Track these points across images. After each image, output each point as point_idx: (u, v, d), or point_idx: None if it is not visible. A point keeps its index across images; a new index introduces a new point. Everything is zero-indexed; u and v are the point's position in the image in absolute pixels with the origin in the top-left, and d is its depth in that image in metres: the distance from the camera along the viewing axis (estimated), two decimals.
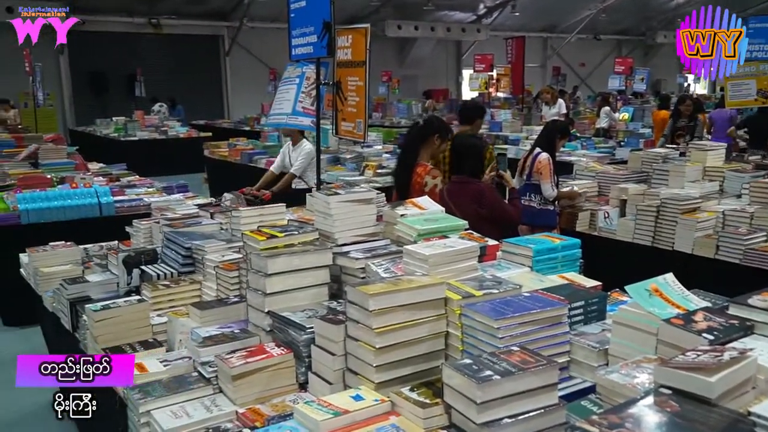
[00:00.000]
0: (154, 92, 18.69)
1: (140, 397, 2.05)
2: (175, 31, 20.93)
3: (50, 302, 3.40)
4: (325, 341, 2.03)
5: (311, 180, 6.12)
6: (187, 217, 3.67)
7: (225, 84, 22.68)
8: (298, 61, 4.88)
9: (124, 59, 19.97)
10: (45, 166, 7.02)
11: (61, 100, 19.61)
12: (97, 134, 15.54)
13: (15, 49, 17.72)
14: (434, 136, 4.27)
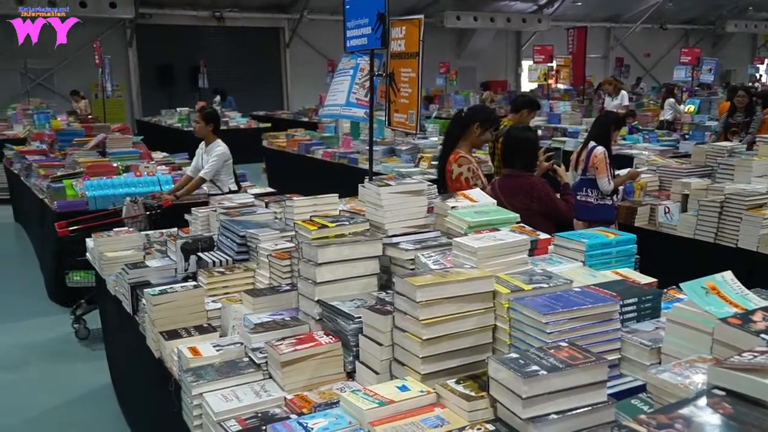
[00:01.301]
0: (216, 84, 19.09)
1: (193, 380, 2.11)
2: (237, 24, 21.33)
3: (113, 286, 3.53)
4: (373, 331, 2.04)
5: (225, 184, 5.83)
6: (243, 206, 3.74)
7: (284, 75, 22.97)
8: (352, 53, 4.90)
9: (188, 51, 20.49)
10: (112, 154, 7.27)
11: (129, 91, 20.25)
12: (161, 124, 16.01)
13: (87, 43, 18.49)
14: (475, 124, 4.21)
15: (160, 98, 20.13)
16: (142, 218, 5.11)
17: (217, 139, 5.92)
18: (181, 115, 15.27)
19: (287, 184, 8.09)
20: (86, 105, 15.75)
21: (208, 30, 21.19)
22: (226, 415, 1.94)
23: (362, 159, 8.44)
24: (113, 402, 4.20)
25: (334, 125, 11.08)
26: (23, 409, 4.18)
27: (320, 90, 19.42)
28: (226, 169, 5.86)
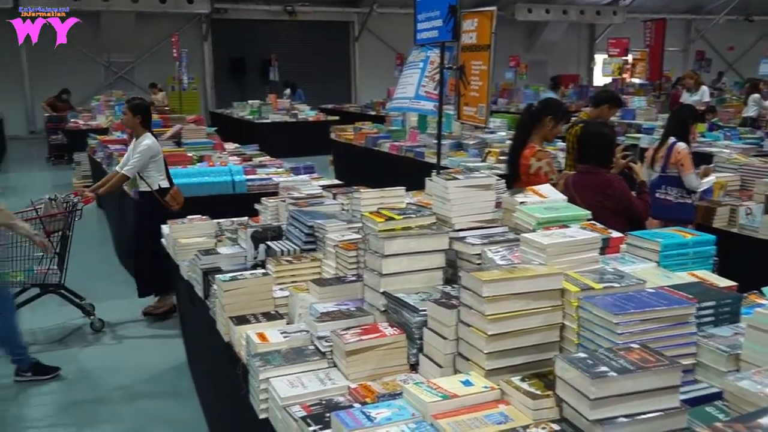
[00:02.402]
0: (286, 77, 19.42)
1: (261, 365, 2.16)
2: (308, 18, 21.64)
3: (186, 271, 3.65)
4: (438, 325, 2.04)
5: (155, 181, 5.45)
6: (312, 197, 3.80)
7: (353, 69, 23.16)
8: (422, 45, 4.89)
9: (260, 45, 20.95)
10: (187, 145, 7.50)
11: (204, 83, 20.85)
12: (234, 116, 16.39)
13: (165, 37, 19.15)
14: (547, 117, 4.13)
15: (233, 91, 20.66)
16: (60, 216, 4.93)
17: (146, 132, 5.48)
18: (252, 108, 15.60)
19: (354, 176, 8.15)
20: (163, 97, 16.29)
21: (280, 24, 21.58)
22: (292, 401, 1.98)
23: (429, 153, 8.41)
24: (188, 379, 4.35)
25: (402, 119, 11.08)
26: (105, 383, 4.39)
27: (388, 83, 19.49)
28: (156, 165, 5.44)
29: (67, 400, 4.18)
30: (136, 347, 4.96)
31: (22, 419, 4.00)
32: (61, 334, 5.25)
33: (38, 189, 11.73)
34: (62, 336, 5.21)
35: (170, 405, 4.16)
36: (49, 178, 12.83)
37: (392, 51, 21.60)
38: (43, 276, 5.13)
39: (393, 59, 20.65)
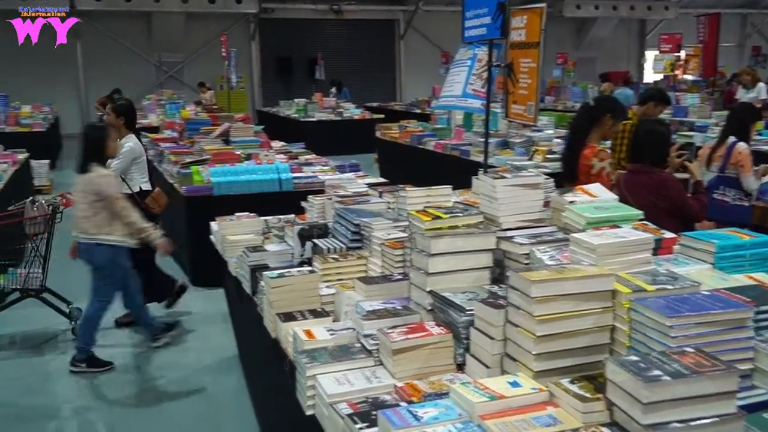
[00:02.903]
0: (332, 75, 19.55)
1: (308, 362, 2.18)
2: (354, 17, 21.75)
3: (234, 267, 3.70)
4: (485, 325, 2.02)
5: (137, 183, 5.33)
6: (358, 195, 3.82)
7: (398, 67, 23.18)
8: (470, 43, 4.85)
9: (306, 44, 21.15)
10: (235, 143, 7.62)
11: (251, 82, 21.14)
12: (280, 115, 16.58)
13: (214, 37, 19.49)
14: (606, 115, 4.04)
15: (279, 89, 20.92)
16: (41, 219, 4.78)
17: (129, 134, 5.34)
18: (298, 106, 15.75)
19: (398, 174, 8.15)
20: (212, 96, 16.58)
21: (326, 23, 21.75)
22: (338, 398, 1.99)
23: (474, 151, 8.35)
24: (239, 372, 4.42)
25: (447, 117, 11.03)
26: (161, 373, 4.50)
27: (433, 81, 19.43)
28: (138, 167, 5.32)
29: (122, 395, 4.28)
30: (188, 341, 5.06)
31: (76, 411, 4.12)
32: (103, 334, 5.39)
33: None
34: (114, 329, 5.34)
35: (222, 398, 4.23)
36: None
37: (438, 49, 21.53)
38: (23, 279, 5.04)
39: (438, 57, 20.58)
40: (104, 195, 4.37)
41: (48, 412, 4.06)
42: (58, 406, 4.14)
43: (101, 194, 4.36)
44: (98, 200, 4.37)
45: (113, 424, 3.95)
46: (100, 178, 4.40)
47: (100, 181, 4.38)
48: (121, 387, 4.36)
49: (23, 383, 4.44)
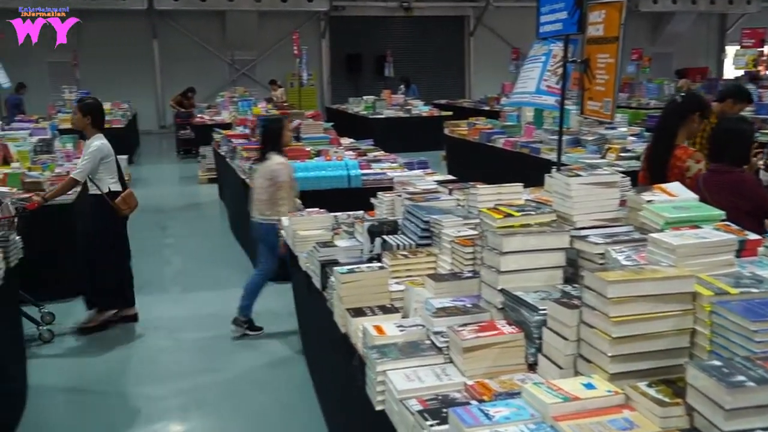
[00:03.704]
0: (400, 72, 19.58)
1: (378, 357, 2.19)
2: (423, 14, 21.74)
3: (304, 262, 3.76)
4: (558, 325, 1.99)
5: (106, 184, 5.17)
6: (427, 192, 3.82)
7: (467, 64, 23.02)
8: (544, 39, 4.77)
9: (375, 41, 21.27)
10: (305, 139, 7.74)
11: (321, 79, 21.42)
12: (348, 112, 16.72)
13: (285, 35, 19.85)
14: (695, 114, 3.89)
15: (348, 86, 21.11)
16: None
17: (97, 133, 5.23)
18: (367, 103, 15.85)
19: (466, 172, 8.11)
20: (282, 93, 16.87)
21: (396, 20, 21.81)
22: (408, 394, 1.99)
23: (544, 149, 8.21)
24: (302, 367, 4.50)
25: (517, 114, 10.87)
26: (225, 368, 4.61)
27: (503, 78, 19.18)
28: (106, 168, 5.18)
29: (191, 384, 4.41)
30: (255, 336, 5.16)
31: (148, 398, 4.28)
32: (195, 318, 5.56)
33: (167, 180, 12.55)
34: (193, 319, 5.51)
35: (288, 392, 4.31)
36: (177, 170, 13.64)
37: (508, 46, 21.26)
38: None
39: (508, 54, 20.30)
40: (276, 180, 4.82)
41: (122, 401, 4.23)
42: (129, 392, 4.31)
43: (274, 180, 4.82)
44: (272, 185, 4.83)
45: (186, 411, 4.08)
46: (277, 165, 4.88)
47: (277, 167, 4.86)
48: (191, 377, 4.50)
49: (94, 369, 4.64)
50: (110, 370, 4.61)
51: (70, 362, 4.74)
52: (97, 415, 4.04)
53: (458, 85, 22.87)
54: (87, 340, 5.05)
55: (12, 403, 3.94)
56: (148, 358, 4.80)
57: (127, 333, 5.22)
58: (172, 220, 9.14)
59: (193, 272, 6.77)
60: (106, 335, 5.17)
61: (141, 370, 4.61)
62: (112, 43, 19.46)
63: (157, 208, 9.77)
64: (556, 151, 7.96)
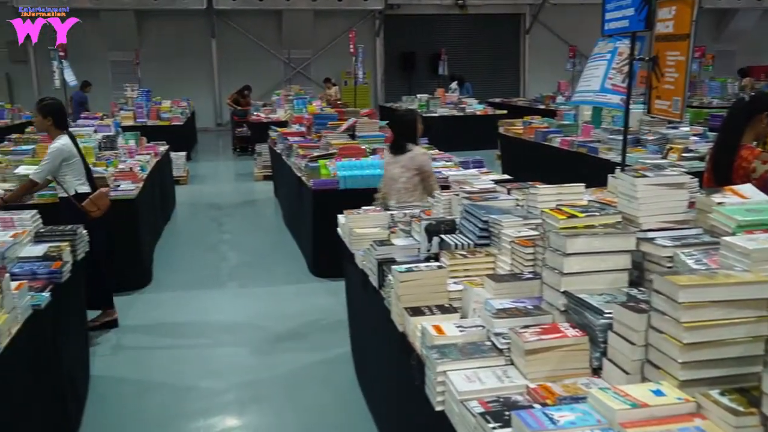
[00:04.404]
0: (454, 71, 19.48)
1: (438, 357, 2.18)
2: (478, 11, 21.57)
3: (360, 260, 3.77)
4: (625, 329, 1.94)
5: (72, 187, 5.09)
6: (485, 192, 3.77)
7: (522, 62, 22.75)
8: (610, 36, 4.66)
9: (430, 39, 21.23)
10: (360, 137, 7.77)
11: (375, 78, 21.48)
12: None
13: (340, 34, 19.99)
14: (763, 114, 3.74)
15: (401, 85, 21.12)
16: None
17: (61, 135, 5.13)
18: (420, 102, 15.82)
19: (521, 171, 7.99)
20: (336, 91, 16.99)
21: (450, 18, 21.71)
22: (469, 396, 1.98)
23: (603, 148, 8.04)
24: (350, 367, 4.52)
25: (574, 113, 10.68)
26: (279, 364, 4.67)
27: (559, 77, 18.90)
28: (71, 169, 5.10)
29: (243, 380, 4.48)
30: (309, 333, 5.22)
31: (203, 394, 4.36)
32: (251, 314, 5.65)
33: (224, 177, 12.79)
34: (248, 315, 5.60)
35: (336, 389, 4.33)
36: (233, 167, 13.89)
37: (564, 44, 20.92)
38: None
39: (565, 52, 19.98)
40: (424, 170, 4.95)
41: (181, 394, 4.32)
42: (187, 386, 4.40)
43: (421, 169, 4.95)
44: (417, 174, 4.94)
45: (243, 405, 4.15)
46: (421, 156, 5.00)
47: (422, 158, 4.98)
48: (247, 372, 4.56)
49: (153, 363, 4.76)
50: (169, 363, 4.71)
51: (129, 355, 4.87)
52: (156, 406, 4.14)
53: (513, 83, 22.62)
54: (145, 334, 5.19)
55: (78, 391, 4.08)
56: (206, 353, 4.90)
57: (187, 327, 5.34)
58: (229, 216, 9.30)
59: (250, 268, 6.88)
60: (165, 329, 5.30)
61: (198, 364, 4.70)
62: (172, 42, 19.98)
63: (214, 204, 9.97)
64: (614, 151, 7.82)
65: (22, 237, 3.87)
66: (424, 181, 4.97)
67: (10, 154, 7.03)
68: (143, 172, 7.10)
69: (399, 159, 5.02)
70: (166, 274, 6.61)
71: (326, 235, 5.22)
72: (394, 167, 5.06)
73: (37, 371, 3.24)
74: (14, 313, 2.96)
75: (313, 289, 6.16)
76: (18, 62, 19.67)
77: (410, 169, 4.96)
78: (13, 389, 2.84)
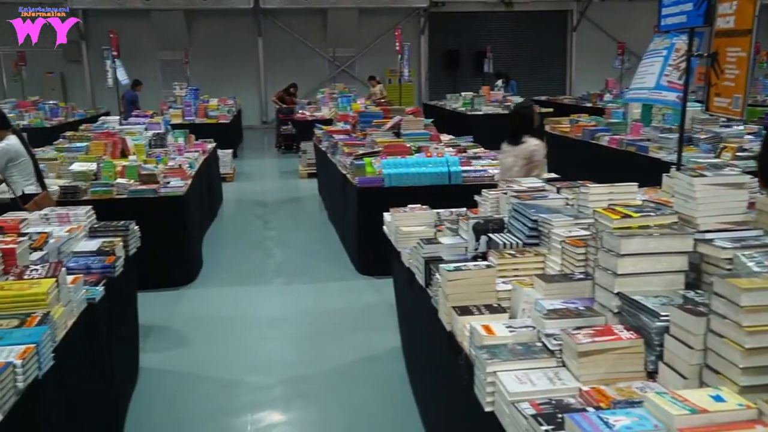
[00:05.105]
0: (499, 68, 19.30)
1: (488, 358, 2.16)
2: (524, 8, 21.34)
3: (407, 258, 3.76)
4: (683, 332, 1.89)
5: (19, 187, 5.08)
6: (534, 190, 3.73)
7: (569, 59, 22.42)
8: (666, 32, 4.54)
9: (474, 37, 21.10)
10: (405, 135, 7.76)
11: (419, 75, 21.44)
12: (446, 108, 16.63)
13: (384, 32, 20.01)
14: None
15: (445, 83, 21.04)
16: None
17: (7, 134, 5.17)
18: (465, 99, 15.71)
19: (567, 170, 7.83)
20: (381, 89, 17.00)
21: (496, 15, 21.53)
22: (520, 397, 1.95)
23: (653, 147, 7.86)
24: (401, 363, 4.52)
25: (623, 111, 10.46)
26: (324, 361, 4.69)
27: (607, 74, 18.56)
28: (18, 169, 5.12)
29: (293, 374, 4.52)
30: (353, 330, 5.23)
31: (254, 387, 4.42)
32: (296, 311, 5.70)
33: (268, 175, 12.93)
34: (294, 311, 5.65)
35: (385, 386, 4.33)
36: (278, 165, 14.03)
37: (613, 41, 20.52)
38: None
39: (614, 49, 19.59)
40: (533, 160, 5.20)
41: (228, 388, 4.38)
42: (234, 380, 4.46)
43: (531, 158, 5.19)
44: (528, 164, 5.18)
45: (289, 401, 4.19)
46: (535, 146, 5.24)
47: (534, 149, 5.22)
48: (293, 368, 4.60)
49: (200, 357, 4.83)
50: (215, 357, 4.78)
51: (177, 348, 4.95)
52: (203, 400, 4.20)
53: (559, 81, 22.30)
54: (193, 329, 5.27)
55: (128, 380, 4.18)
56: (252, 348, 4.95)
57: (233, 322, 5.41)
58: (274, 213, 9.40)
59: (294, 265, 6.94)
60: (212, 323, 5.38)
61: (245, 359, 4.76)
62: (219, 41, 20.28)
63: (260, 201, 10.09)
64: (665, 150, 7.63)
65: (77, 232, 3.98)
66: (532, 171, 5.18)
67: (65, 151, 7.24)
68: (192, 170, 7.22)
69: (515, 149, 5.28)
70: (213, 269, 6.71)
71: (371, 232, 5.23)
72: (509, 156, 5.34)
73: (90, 363, 3.32)
74: (70, 307, 3.05)
75: (357, 286, 6.18)
76: (72, 62, 20.23)
77: (522, 159, 5.22)
78: (69, 380, 2.91)
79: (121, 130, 8.48)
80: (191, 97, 14.68)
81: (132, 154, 7.30)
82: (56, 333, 2.77)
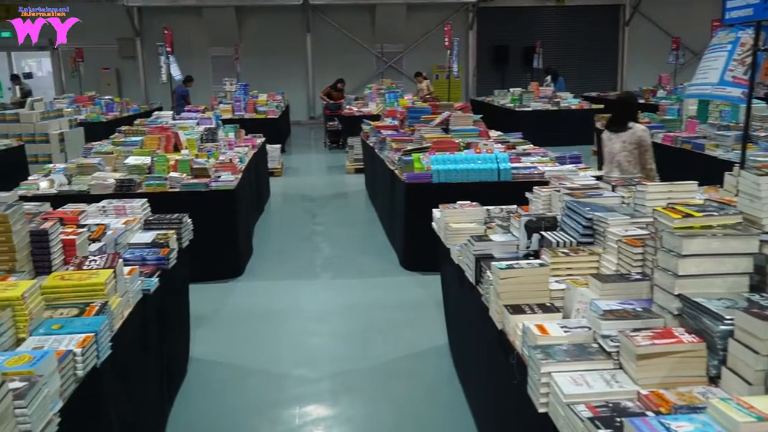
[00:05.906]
0: (549, 64, 19.02)
1: (542, 358, 2.12)
2: (576, 3, 20.99)
3: (457, 255, 3.74)
4: (748, 337, 1.82)
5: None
6: (588, 188, 3.65)
7: (621, 55, 21.97)
8: (731, 26, 4.39)
9: (524, 32, 20.86)
10: (454, 131, 7.70)
11: (467, 71, 21.29)
12: (494, 104, 16.48)
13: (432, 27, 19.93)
14: None
15: (494, 79, 20.85)
16: None
17: None
18: (513, 95, 15.54)
19: None
20: (428, 85, 16.93)
21: (546, 10, 21.24)
22: (576, 399, 1.91)
23: (709, 145, 7.64)
24: (448, 360, 4.49)
25: (678, 108, 10.21)
26: (371, 356, 4.70)
27: (660, 70, 18.12)
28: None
29: (339, 371, 4.54)
30: (401, 325, 5.22)
31: (300, 380, 4.45)
32: (343, 305, 5.73)
33: (315, 170, 13.02)
34: (341, 306, 5.67)
35: (433, 383, 4.32)
36: (325, 160, 14.11)
37: (667, 35, 20.00)
38: None
39: (668, 44, 19.10)
40: (642, 144, 5.48)
41: (275, 381, 4.43)
42: (281, 373, 4.50)
43: (640, 142, 5.48)
44: (636, 148, 5.48)
45: (336, 395, 4.21)
46: (642, 131, 5.54)
47: (642, 134, 5.52)
48: (341, 363, 4.61)
49: (249, 349, 4.89)
50: (263, 350, 4.83)
51: (226, 340, 5.02)
52: (251, 392, 4.24)
53: (610, 76, 21.87)
54: (242, 321, 5.34)
55: (178, 369, 4.26)
56: (300, 342, 4.99)
57: (281, 315, 5.46)
58: (321, 208, 9.46)
59: (341, 260, 6.97)
60: (260, 316, 5.44)
61: (292, 352, 4.79)
62: (269, 37, 20.50)
63: (307, 196, 10.16)
64: (722, 148, 7.41)
65: (133, 224, 4.07)
66: (642, 155, 5.48)
67: (120, 145, 7.40)
68: (242, 164, 7.31)
69: (620, 135, 5.54)
70: (261, 263, 6.79)
71: (418, 228, 5.21)
72: (615, 143, 5.59)
73: (145, 352, 3.40)
74: (126, 297, 3.12)
75: (404, 282, 6.17)
76: (127, 58, 20.73)
77: (631, 143, 5.49)
78: (125, 369, 2.98)
79: (174, 125, 8.64)
80: (241, 92, 14.86)
81: (184, 148, 7.43)
82: (113, 323, 2.83)
